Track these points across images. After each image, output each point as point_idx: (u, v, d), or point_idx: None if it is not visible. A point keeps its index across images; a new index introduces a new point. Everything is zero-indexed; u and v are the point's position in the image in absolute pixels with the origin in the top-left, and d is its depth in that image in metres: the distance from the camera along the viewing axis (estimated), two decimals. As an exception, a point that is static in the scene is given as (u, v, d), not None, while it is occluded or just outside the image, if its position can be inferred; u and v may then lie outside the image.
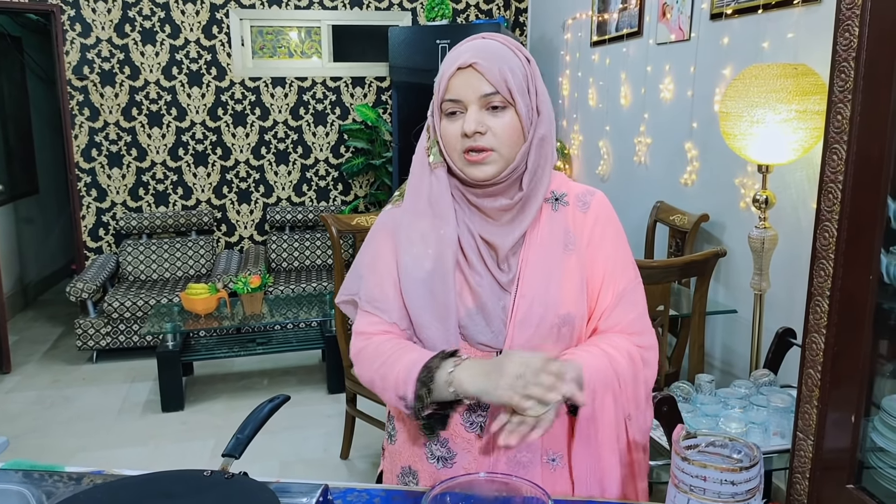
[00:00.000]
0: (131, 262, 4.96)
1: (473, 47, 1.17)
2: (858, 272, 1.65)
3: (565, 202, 1.26)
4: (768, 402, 2.08)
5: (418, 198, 1.23)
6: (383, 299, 1.25)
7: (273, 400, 1.19)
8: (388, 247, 1.27)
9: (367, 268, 1.30)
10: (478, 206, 1.21)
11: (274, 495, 0.97)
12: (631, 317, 1.26)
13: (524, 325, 1.19)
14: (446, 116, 1.18)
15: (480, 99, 1.14)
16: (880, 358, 1.83)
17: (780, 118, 2.23)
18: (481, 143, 1.15)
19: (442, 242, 1.21)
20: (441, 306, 1.20)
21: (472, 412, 1.22)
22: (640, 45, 3.63)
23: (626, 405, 1.23)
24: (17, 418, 3.74)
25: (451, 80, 1.16)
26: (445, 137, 1.19)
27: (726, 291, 2.99)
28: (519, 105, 1.15)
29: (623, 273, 1.26)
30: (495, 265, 1.22)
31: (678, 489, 0.94)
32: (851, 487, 1.70)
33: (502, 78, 1.14)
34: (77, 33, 4.84)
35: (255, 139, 5.22)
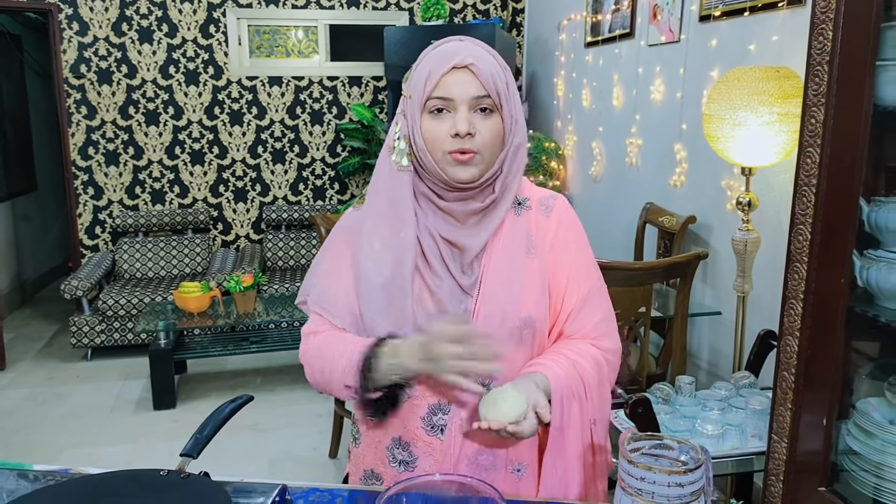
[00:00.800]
0: (127, 260, 4.98)
1: (463, 48, 1.17)
2: (832, 275, 1.65)
3: (528, 206, 1.27)
4: (746, 405, 2.08)
5: (379, 199, 1.23)
6: (334, 303, 1.25)
7: (235, 400, 1.20)
8: (345, 250, 1.27)
9: (321, 270, 1.30)
10: (445, 210, 1.21)
11: (227, 496, 0.98)
12: (595, 320, 1.27)
13: (485, 328, 1.19)
14: (431, 114, 1.17)
15: (472, 100, 1.15)
16: (856, 361, 1.84)
17: (761, 121, 2.23)
18: (470, 144, 1.15)
19: (401, 246, 1.20)
20: (398, 312, 1.20)
21: (433, 415, 1.23)
22: (631, 46, 3.63)
23: (591, 411, 1.24)
24: (10, 415, 3.76)
25: (444, 78, 1.15)
26: (430, 136, 1.17)
27: (713, 293, 2.99)
28: (504, 110, 1.17)
29: (587, 276, 1.27)
30: (458, 268, 1.22)
31: (624, 492, 0.95)
32: (824, 490, 1.70)
33: (493, 81, 1.15)
34: (74, 31, 4.86)
35: (252, 138, 5.23)
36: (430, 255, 1.22)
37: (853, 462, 1.72)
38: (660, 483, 0.92)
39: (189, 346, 4.17)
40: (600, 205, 4.15)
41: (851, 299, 1.68)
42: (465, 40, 1.21)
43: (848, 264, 1.62)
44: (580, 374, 1.22)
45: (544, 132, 4.86)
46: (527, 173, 4.39)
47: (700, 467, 0.94)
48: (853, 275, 1.65)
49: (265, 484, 1.14)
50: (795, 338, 1.76)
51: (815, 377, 1.71)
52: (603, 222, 4.13)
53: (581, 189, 4.42)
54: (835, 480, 1.73)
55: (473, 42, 1.21)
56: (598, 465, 1.26)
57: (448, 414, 1.22)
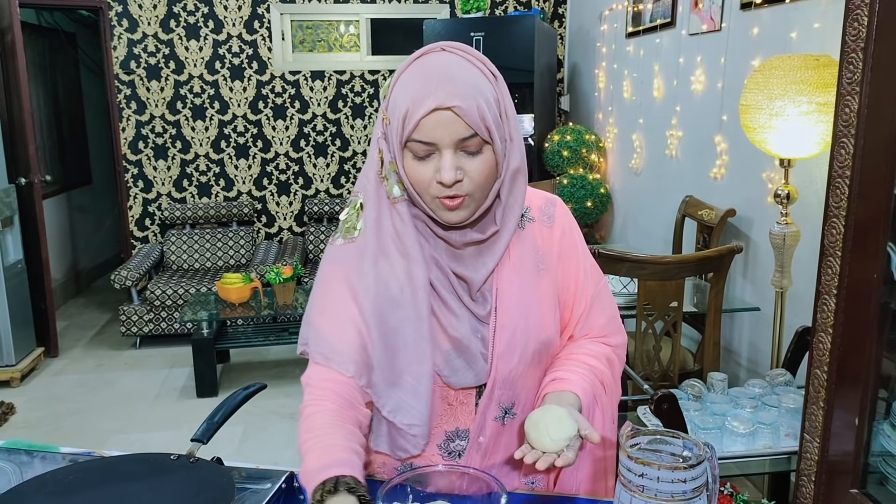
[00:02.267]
0: (175, 251, 5.11)
1: (445, 79, 1.02)
2: (865, 270, 1.60)
3: (531, 218, 1.21)
4: (780, 403, 2.03)
5: (380, 235, 1.13)
6: (341, 351, 1.12)
7: (248, 388, 1.22)
8: (343, 289, 1.14)
9: (320, 311, 1.17)
10: (445, 239, 1.13)
11: (231, 481, 1.00)
12: (602, 321, 1.26)
13: (506, 358, 1.15)
14: (413, 156, 1.05)
15: (457, 142, 1.02)
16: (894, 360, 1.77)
17: (800, 111, 2.16)
18: (458, 190, 1.04)
19: (414, 284, 1.10)
20: (415, 357, 1.11)
21: (450, 442, 1.19)
22: (673, 35, 3.56)
23: (612, 411, 1.24)
24: (61, 401, 3.91)
25: (424, 121, 1.01)
26: (415, 179, 1.06)
27: (753, 288, 2.92)
28: (496, 142, 1.05)
29: (591, 278, 1.25)
30: (469, 298, 1.15)
31: (624, 487, 0.93)
32: (855, 492, 1.65)
33: (481, 117, 1.02)
34: (124, 29, 5.00)
35: (295, 132, 5.31)
36: (441, 287, 1.13)
37: (888, 464, 1.66)
38: (659, 479, 0.90)
39: (231, 336, 4.26)
40: (640, 198, 4.09)
41: (887, 295, 1.62)
42: (448, 50, 1.06)
43: (882, 258, 1.56)
44: (601, 379, 1.21)
45: (585, 124, 4.81)
46: (567, 166, 4.37)
47: (702, 463, 0.91)
48: (888, 269, 1.60)
49: (274, 471, 1.16)
50: (828, 334, 1.71)
51: (848, 375, 1.65)
52: (643, 215, 4.07)
53: (621, 182, 4.36)
54: (868, 483, 1.68)
55: (459, 55, 1.06)
56: (607, 459, 1.25)
57: (466, 440, 1.19)
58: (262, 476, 1.13)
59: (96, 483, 1.01)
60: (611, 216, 4.55)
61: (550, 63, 4.85)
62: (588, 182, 4.32)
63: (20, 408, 3.78)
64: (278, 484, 1.08)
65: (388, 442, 1.17)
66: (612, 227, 4.57)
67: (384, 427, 1.17)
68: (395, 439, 1.16)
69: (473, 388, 1.18)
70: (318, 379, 1.12)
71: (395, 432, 1.16)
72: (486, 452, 1.18)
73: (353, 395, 1.12)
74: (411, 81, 1.04)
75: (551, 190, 4.14)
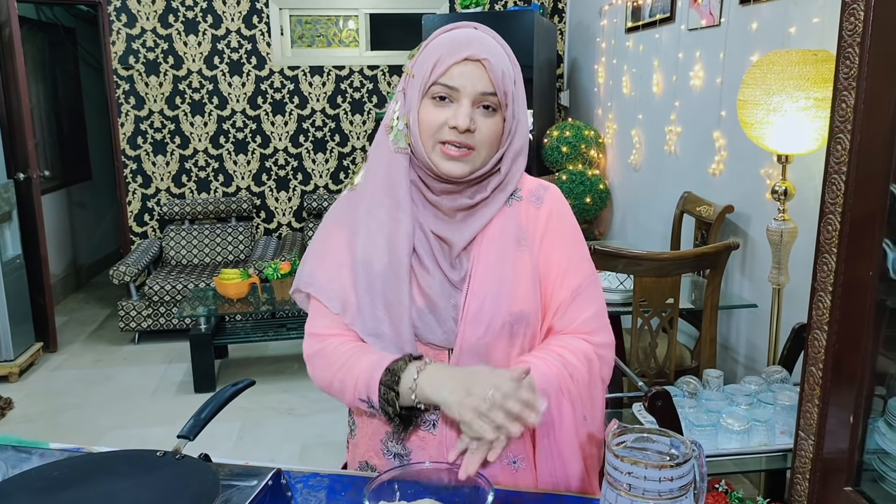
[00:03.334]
0: (174, 247, 5.10)
1: (479, 40, 1.13)
2: (861, 267, 1.59)
3: (518, 197, 1.23)
4: (775, 400, 2.02)
5: (375, 183, 1.20)
6: (327, 287, 1.22)
7: (237, 384, 1.21)
8: (339, 236, 1.23)
9: (315, 255, 1.26)
10: (433, 203, 1.18)
11: (216, 477, 0.99)
12: (586, 315, 1.23)
13: (476, 324, 1.17)
14: (433, 100, 1.13)
15: (477, 95, 1.11)
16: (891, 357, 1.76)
17: (798, 106, 2.15)
18: (467, 139, 1.12)
19: (398, 233, 1.17)
20: (396, 303, 1.17)
21: (426, 411, 1.20)
22: (672, 30, 3.55)
23: (583, 407, 1.21)
24: (59, 396, 3.91)
25: (454, 67, 1.11)
26: (426, 122, 1.13)
27: (751, 285, 2.90)
28: (508, 110, 1.14)
29: (578, 269, 1.23)
30: (447, 263, 1.19)
31: (610, 486, 0.92)
32: (849, 490, 1.64)
33: (503, 80, 1.12)
34: (123, 24, 4.98)
35: (294, 127, 5.29)
36: (421, 248, 1.19)
37: (883, 462, 1.65)
38: (645, 477, 0.90)
39: (229, 332, 4.26)
40: (639, 194, 4.08)
41: (883, 292, 1.61)
42: (480, 28, 1.17)
43: (877, 255, 1.55)
44: (569, 371, 1.18)
45: (585, 120, 4.79)
46: (566, 162, 4.35)
47: (688, 461, 0.91)
48: (885, 266, 1.58)
49: (262, 468, 1.15)
50: (824, 331, 1.70)
51: (843, 373, 1.65)
52: (642, 212, 4.06)
53: (620, 178, 4.35)
54: (863, 480, 1.67)
55: (489, 33, 1.16)
56: (591, 457, 1.24)
57: (439, 411, 1.19)
58: (249, 473, 1.12)
59: (81, 479, 1.00)
60: (610, 212, 4.54)
61: (550, 58, 4.83)
62: (587, 178, 4.31)
63: (18, 403, 3.79)
64: (265, 481, 1.07)
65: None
66: (611, 223, 4.56)
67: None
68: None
69: (445, 352, 1.20)
70: (320, 326, 1.23)
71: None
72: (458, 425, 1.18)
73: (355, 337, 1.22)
74: (444, 40, 1.14)
75: (550, 186, 4.13)
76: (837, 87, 1.61)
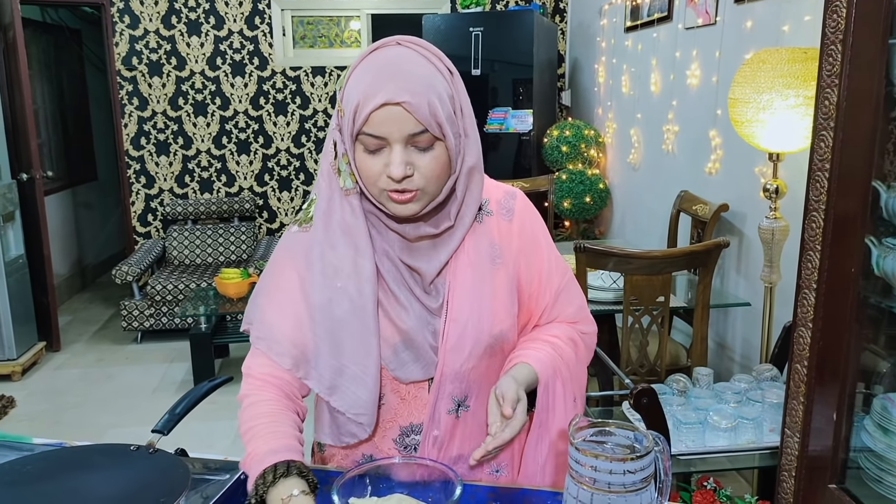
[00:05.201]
0: (177, 247, 5.14)
1: (397, 72, 1.02)
2: (844, 264, 1.59)
3: (489, 211, 1.19)
4: (763, 398, 2.02)
5: (329, 226, 1.13)
6: (280, 341, 1.14)
7: (213, 380, 1.23)
8: (292, 278, 1.15)
9: (267, 295, 1.18)
10: (398, 232, 1.12)
11: (187, 471, 1.01)
12: (570, 310, 1.25)
13: (457, 351, 1.14)
14: (364, 148, 1.05)
15: (407, 137, 1.02)
16: (878, 355, 1.76)
17: (788, 104, 2.15)
18: (408, 185, 1.04)
19: (360, 277, 1.11)
20: (361, 349, 1.12)
21: (405, 436, 1.19)
22: (669, 29, 3.54)
23: (573, 388, 1.22)
24: (62, 394, 3.94)
25: (374, 115, 1.00)
26: (364, 172, 1.06)
27: (746, 283, 2.90)
28: (448, 138, 1.04)
29: (557, 271, 1.24)
30: (421, 290, 1.15)
31: (572, 479, 0.93)
32: (833, 487, 1.64)
33: (432, 113, 1.01)
34: (126, 25, 5.02)
35: (296, 128, 5.32)
36: (391, 279, 1.13)
37: (868, 460, 1.65)
38: (605, 470, 0.90)
39: (230, 331, 4.28)
40: (638, 193, 4.07)
41: (867, 290, 1.61)
42: (404, 44, 1.06)
43: (859, 253, 1.55)
44: (559, 353, 1.20)
45: (586, 120, 4.79)
46: (566, 161, 4.35)
47: (649, 454, 0.91)
48: (869, 264, 1.58)
49: (235, 462, 1.16)
50: (808, 329, 1.70)
51: (827, 370, 1.65)
52: (640, 211, 4.06)
53: (620, 177, 4.34)
54: (847, 478, 1.67)
55: (414, 50, 1.05)
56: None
57: (420, 434, 1.19)
58: (223, 468, 1.13)
59: (54, 472, 1.02)
60: (610, 211, 4.54)
61: (551, 58, 4.83)
62: (587, 177, 4.31)
63: (21, 401, 3.82)
64: (237, 475, 1.08)
65: (331, 430, 1.20)
66: (611, 222, 4.56)
67: (326, 417, 1.20)
68: (341, 427, 1.18)
69: (425, 382, 1.17)
70: (259, 371, 1.15)
71: (338, 421, 1.18)
72: (441, 446, 1.18)
73: (291, 389, 1.15)
74: (364, 75, 1.03)
75: (549, 185, 4.13)
76: (821, 84, 1.62)
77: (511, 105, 4.46)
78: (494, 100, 4.47)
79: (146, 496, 0.96)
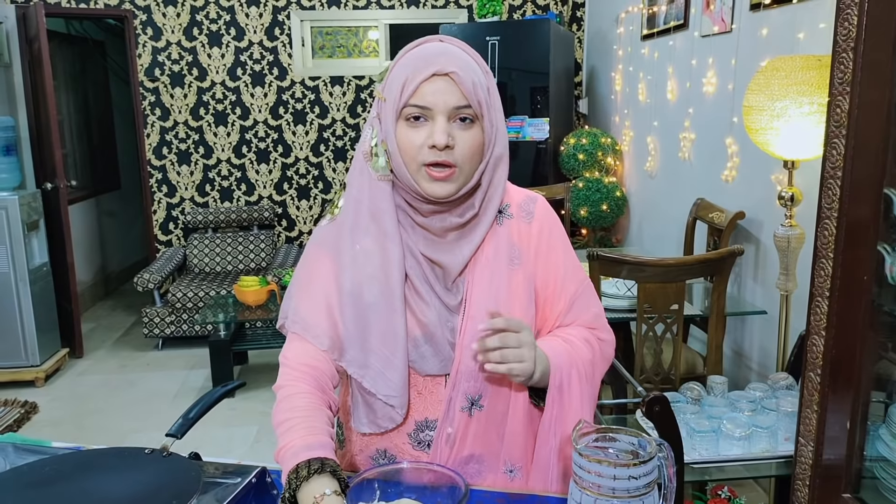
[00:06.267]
0: (197, 255, 5.20)
1: (445, 53, 1.11)
2: (857, 272, 1.58)
3: (509, 214, 1.23)
4: (778, 407, 2.01)
5: (359, 212, 1.17)
6: (316, 325, 1.18)
7: (226, 385, 1.25)
8: (325, 266, 1.20)
9: (300, 288, 1.23)
10: (422, 225, 1.17)
11: (199, 474, 1.03)
12: (586, 317, 1.27)
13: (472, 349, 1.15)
14: (407, 122, 1.11)
15: (451, 110, 1.09)
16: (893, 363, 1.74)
17: (802, 111, 2.14)
18: (448, 157, 1.09)
19: (389, 262, 1.15)
20: (391, 334, 1.16)
21: (420, 432, 1.21)
22: (686, 37, 3.54)
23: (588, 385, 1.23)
24: (84, 400, 4.00)
25: (423, 85, 1.08)
26: (405, 145, 1.11)
27: (763, 291, 2.88)
28: (485, 120, 1.12)
29: (573, 277, 1.25)
30: (442, 287, 1.18)
31: (576, 485, 0.94)
32: (847, 497, 1.63)
33: (475, 90, 1.09)
34: (149, 37, 5.11)
35: (315, 137, 5.37)
36: (414, 275, 1.17)
37: (885, 470, 1.64)
38: (608, 476, 0.91)
39: (249, 338, 4.32)
40: (654, 201, 4.07)
41: (881, 297, 1.60)
42: (445, 41, 1.15)
43: (872, 260, 1.54)
44: (571, 346, 1.22)
45: (602, 127, 4.79)
46: (583, 169, 4.35)
47: (652, 460, 0.92)
48: (882, 272, 1.57)
49: (249, 466, 1.18)
50: (822, 337, 1.69)
51: (840, 378, 1.64)
52: (657, 218, 4.05)
53: (637, 185, 4.34)
54: (862, 488, 1.65)
55: (455, 44, 1.15)
56: None
57: (435, 430, 1.21)
58: (235, 472, 1.15)
59: (70, 474, 1.05)
60: (627, 219, 4.53)
61: (567, 66, 4.84)
62: (604, 185, 4.30)
63: (44, 407, 3.89)
64: (248, 479, 1.10)
65: (368, 417, 1.22)
66: (628, 230, 4.55)
67: (361, 404, 1.22)
68: (375, 413, 1.20)
69: (441, 378, 1.20)
70: (296, 360, 1.18)
71: (374, 406, 1.20)
72: (454, 444, 1.19)
73: (325, 381, 1.18)
74: (412, 58, 1.12)
75: (565, 193, 4.14)
76: (832, 91, 1.62)
77: (528, 113, 4.48)
78: (512, 108, 4.49)
79: (159, 497, 0.98)
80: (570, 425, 1.20)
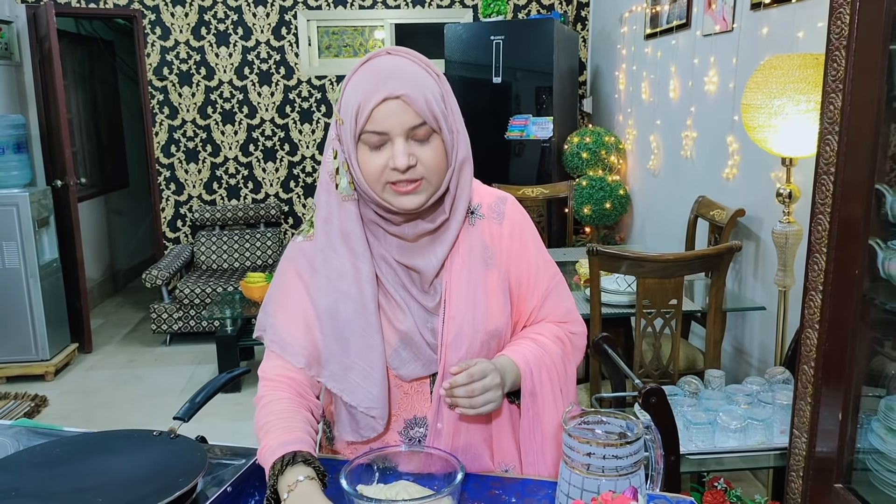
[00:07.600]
0: (204, 252, 5.25)
1: (393, 73, 1.09)
2: (850, 266, 1.61)
3: (480, 214, 1.25)
4: (774, 400, 2.04)
5: (329, 233, 1.19)
6: (291, 343, 1.21)
7: (232, 371, 1.29)
8: (298, 284, 1.23)
9: (276, 305, 1.25)
10: (397, 235, 1.19)
11: (204, 455, 1.07)
12: (559, 312, 1.31)
13: (455, 347, 1.20)
14: (367, 147, 1.11)
15: (408, 130, 1.09)
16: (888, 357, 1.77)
17: (799, 109, 2.17)
18: (412, 175, 1.10)
19: (361, 278, 1.18)
20: (366, 347, 1.19)
21: (409, 429, 1.25)
22: (688, 36, 3.57)
23: (560, 381, 1.28)
24: (93, 394, 4.06)
25: (376, 111, 1.07)
26: (368, 170, 1.11)
27: (763, 287, 2.91)
28: (444, 132, 1.12)
29: (545, 274, 1.29)
30: (419, 290, 1.21)
31: (566, 465, 0.98)
32: (839, 487, 1.66)
33: (428, 107, 1.09)
34: (157, 36, 5.17)
35: (321, 135, 5.42)
36: (389, 283, 1.20)
37: (876, 461, 1.67)
38: (597, 455, 0.95)
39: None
40: (657, 199, 4.09)
41: (873, 292, 1.63)
42: (392, 52, 1.14)
43: (864, 255, 1.58)
44: (543, 348, 1.26)
45: (607, 126, 4.82)
46: (586, 168, 4.39)
47: (638, 440, 0.96)
48: (875, 266, 1.60)
49: (254, 449, 1.22)
50: (815, 330, 1.73)
51: (833, 371, 1.67)
52: (660, 216, 4.08)
53: (640, 183, 4.37)
54: (855, 479, 1.68)
55: (402, 55, 1.13)
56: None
57: (424, 426, 1.25)
58: (240, 453, 1.20)
59: (81, 454, 1.09)
60: (630, 217, 4.56)
61: (571, 66, 4.87)
62: (607, 184, 4.33)
63: (53, 400, 3.95)
64: (253, 460, 1.14)
65: (351, 427, 1.25)
66: (631, 228, 4.58)
67: (345, 414, 1.25)
68: (357, 423, 1.23)
69: (426, 377, 1.24)
70: (273, 373, 1.22)
71: (356, 417, 1.23)
72: (445, 438, 1.23)
73: (304, 389, 1.22)
74: (361, 80, 1.11)
75: (569, 191, 4.17)
76: (826, 89, 1.64)
77: (532, 112, 4.51)
78: (516, 107, 4.52)
79: (166, 476, 1.02)
80: (550, 424, 1.26)
